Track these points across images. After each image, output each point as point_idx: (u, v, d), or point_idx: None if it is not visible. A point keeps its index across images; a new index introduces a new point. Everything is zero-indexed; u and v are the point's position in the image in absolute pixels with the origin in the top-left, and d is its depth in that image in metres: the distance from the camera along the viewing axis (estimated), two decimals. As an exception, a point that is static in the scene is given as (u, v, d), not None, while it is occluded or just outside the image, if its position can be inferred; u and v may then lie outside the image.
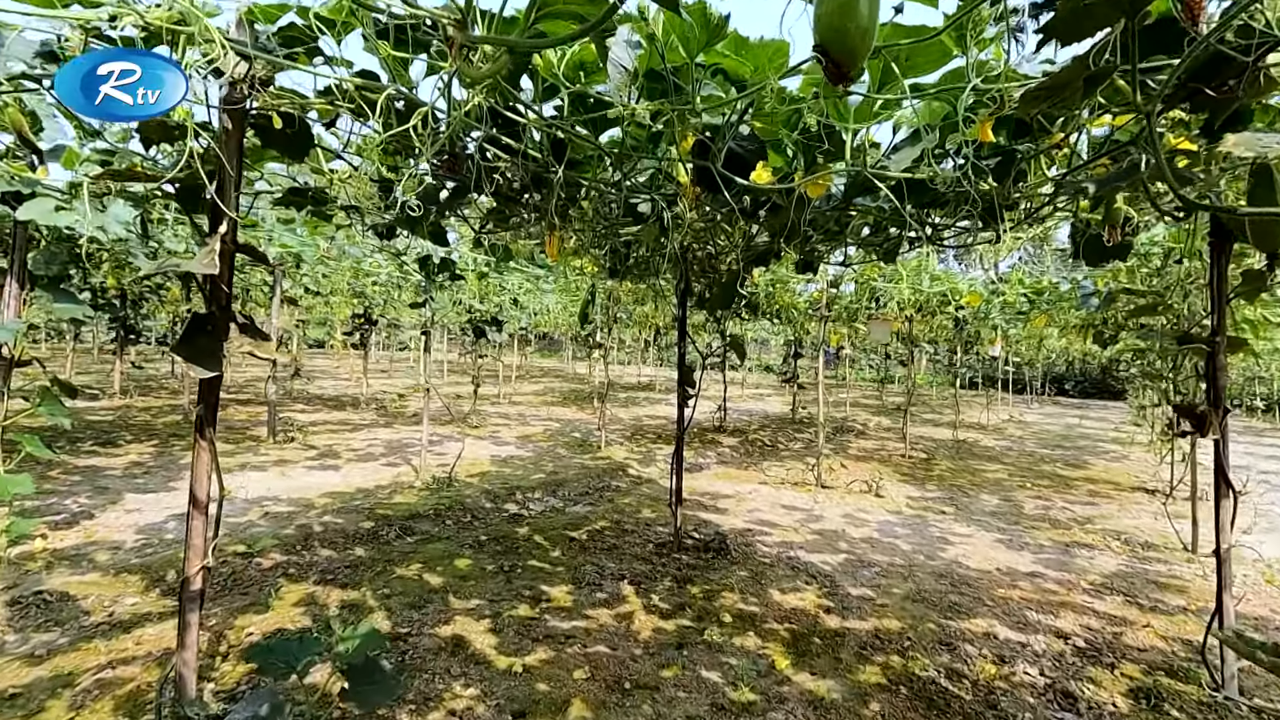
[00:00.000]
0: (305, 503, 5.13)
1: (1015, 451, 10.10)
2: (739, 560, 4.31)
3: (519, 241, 4.11)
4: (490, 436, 8.93)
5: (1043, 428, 13.85)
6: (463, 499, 5.49)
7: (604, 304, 8.42)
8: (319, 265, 7.23)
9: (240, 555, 3.92)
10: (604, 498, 5.91)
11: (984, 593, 3.95)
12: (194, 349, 2.06)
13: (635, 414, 12.68)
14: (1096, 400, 25.10)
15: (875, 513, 5.85)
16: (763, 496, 6.26)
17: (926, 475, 7.69)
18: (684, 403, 4.52)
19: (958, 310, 7.23)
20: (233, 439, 7.69)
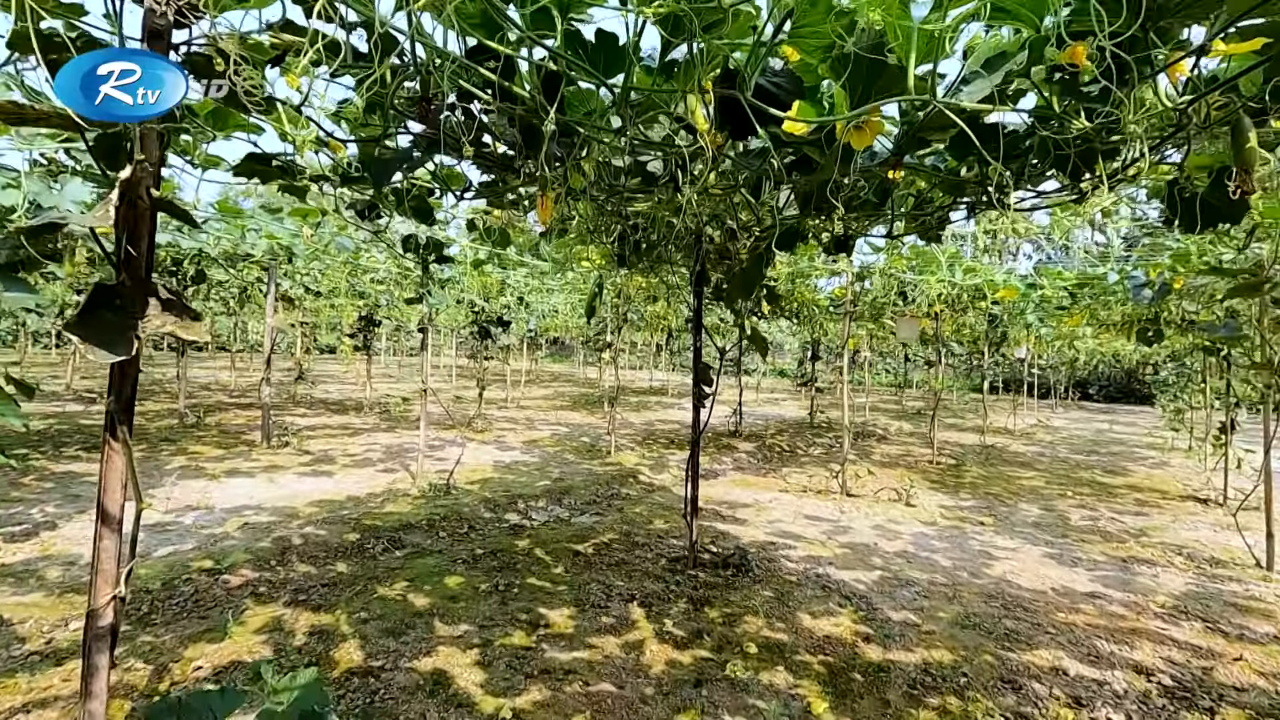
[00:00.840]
0: (289, 512, 4.74)
1: (1048, 457, 9.56)
2: (762, 578, 3.86)
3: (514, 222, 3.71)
4: (495, 441, 8.52)
5: (1072, 432, 13.27)
6: (460, 508, 5.08)
7: (613, 302, 8.01)
8: (313, 261, 6.87)
9: (206, 572, 3.52)
10: (613, 507, 5.48)
11: (1042, 617, 3.48)
12: (96, 326, 1.65)
13: (647, 418, 12.25)
14: (1122, 404, 24.41)
15: (907, 524, 5.37)
16: (784, 506, 5.80)
17: (958, 483, 7.20)
18: (700, 405, 4.09)
19: (992, 306, 6.75)
20: (225, 443, 7.34)
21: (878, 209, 2.97)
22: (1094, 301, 6.26)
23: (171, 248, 5.72)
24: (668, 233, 4.04)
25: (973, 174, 2.39)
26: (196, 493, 5.12)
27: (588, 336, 19.35)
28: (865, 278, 6.19)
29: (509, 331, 11.34)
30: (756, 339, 4.13)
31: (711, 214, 3.17)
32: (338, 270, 7.47)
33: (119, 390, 1.81)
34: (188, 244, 5.68)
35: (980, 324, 7.73)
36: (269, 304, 7.15)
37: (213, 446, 7.13)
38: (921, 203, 3.04)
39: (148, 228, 1.80)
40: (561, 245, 5.39)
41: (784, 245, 3.47)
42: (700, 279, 4.13)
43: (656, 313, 10.72)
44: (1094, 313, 6.84)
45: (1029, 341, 8.94)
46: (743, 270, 3.68)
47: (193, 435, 7.79)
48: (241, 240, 5.69)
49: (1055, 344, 12.23)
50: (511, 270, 7.15)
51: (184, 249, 5.69)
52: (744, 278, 3.67)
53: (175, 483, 5.28)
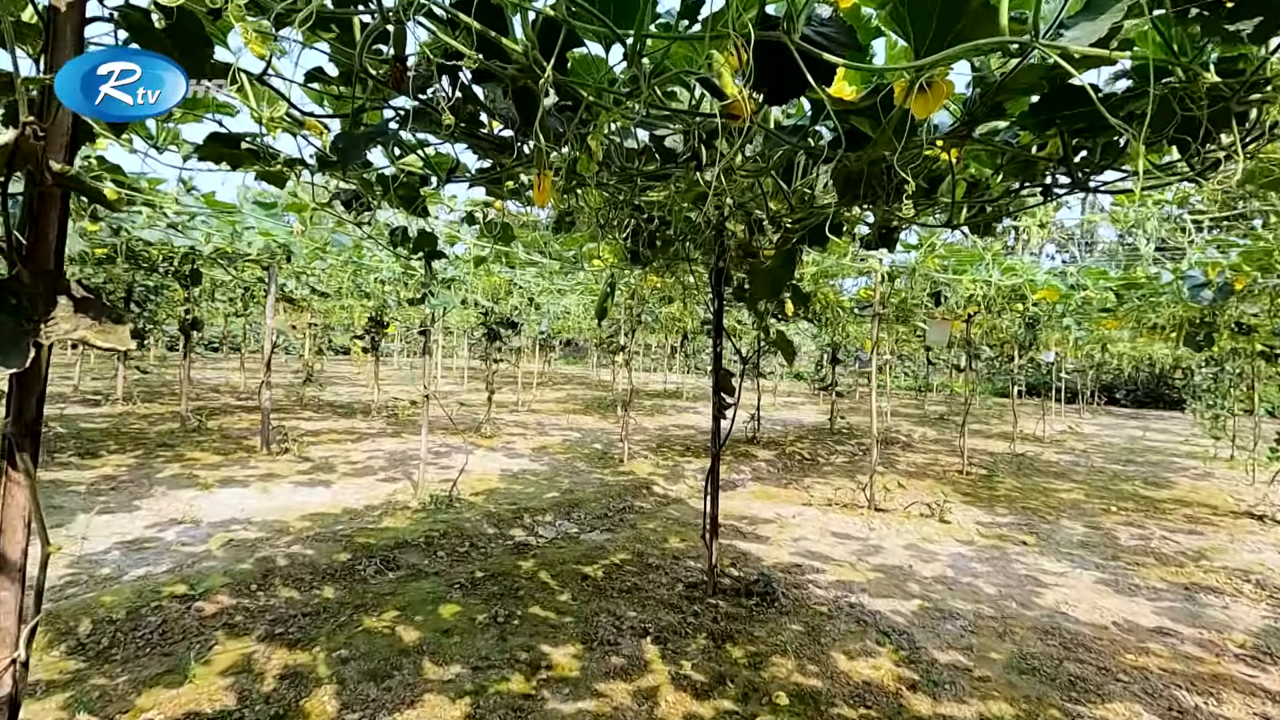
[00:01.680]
0: (279, 527, 4.43)
1: (1084, 467, 9.09)
2: (789, 609, 3.48)
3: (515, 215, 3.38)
4: (503, 448, 8.20)
5: (1104, 440, 12.74)
6: (462, 523, 4.75)
7: (627, 304, 7.66)
8: (314, 260, 6.59)
9: (179, 598, 3.21)
10: (625, 522, 5.13)
11: (1108, 659, 3.08)
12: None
13: (661, 423, 11.89)
14: (1151, 410, 23.72)
15: (943, 543, 4.97)
16: (809, 521, 5.42)
17: (992, 496, 6.77)
18: (720, 415, 3.73)
19: (1031, 307, 6.32)
20: (224, 449, 7.07)
21: (926, 197, 2.61)
22: (1142, 303, 5.82)
23: (164, 245, 5.45)
24: (686, 228, 3.70)
25: (1048, 150, 2.02)
26: (184, 504, 4.83)
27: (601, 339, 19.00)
28: (896, 277, 5.79)
29: (520, 334, 11.03)
30: (782, 343, 3.77)
31: (737, 203, 2.81)
32: (341, 270, 7.18)
33: (18, 409, 1.46)
34: (181, 241, 5.40)
35: (1015, 327, 7.30)
36: (269, 304, 6.87)
37: (211, 452, 6.87)
38: (973, 190, 2.67)
39: (57, 211, 1.47)
40: (571, 242, 5.05)
41: (817, 240, 3.11)
42: (721, 278, 3.77)
43: (672, 314, 10.36)
44: (1140, 315, 6.39)
45: (1062, 345, 8.48)
46: (769, 268, 3.32)
47: (192, 440, 7.54)
48: (236, 238, 5.40)
49: (1087, 348, 11.71)
50: (520, 270, 6.83)
51: (176, 247, 5.42)
52: (771, 276, 3.31)
53: (91, 512, 5.00)
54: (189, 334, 8.58)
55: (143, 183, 4.27)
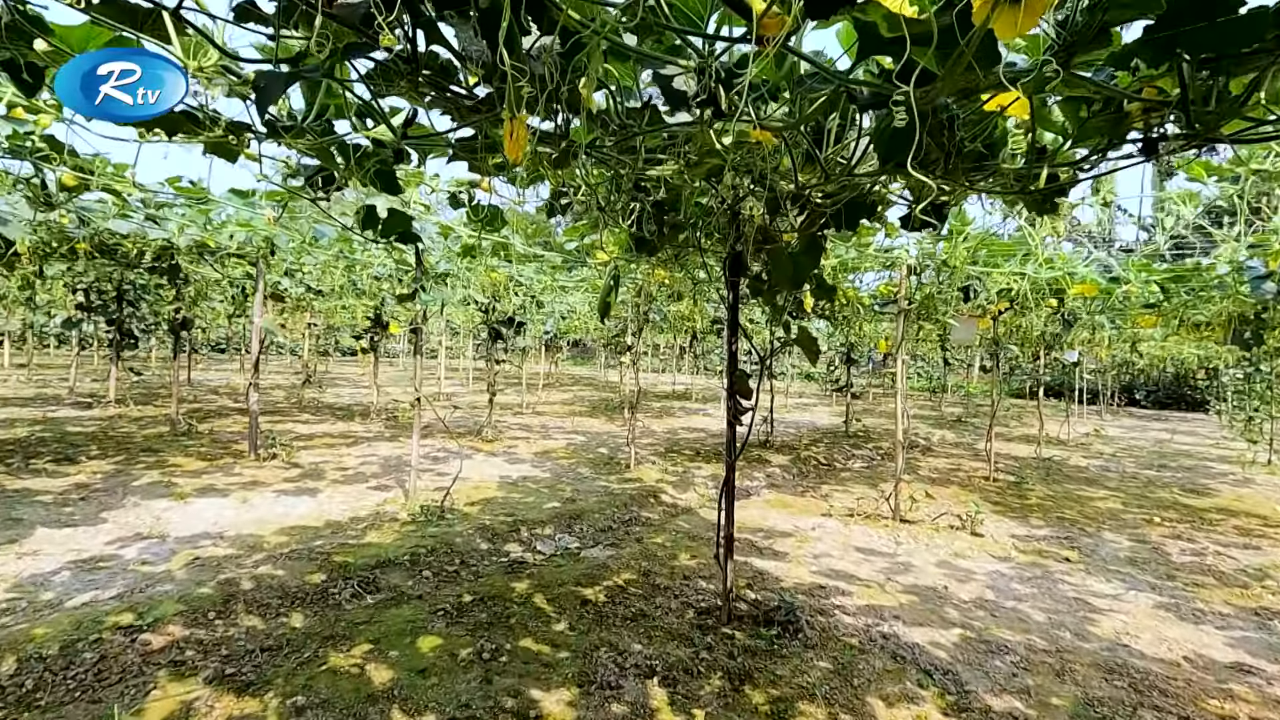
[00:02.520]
0: (252, 543, 4.06)
1: (1115, 473, 8.61)
2: (815, 641, 3.08)
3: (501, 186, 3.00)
4: (505, 453, 7.82)
5: (1131, 443, 12.23)
6: (453, 538, 4.37)
7: (634, 301, 7.27)
8: (303, 254, 6.23)
9: (123, 630, 2.84)
10: (631, 535, 4.73)
11: (1189, 705, 2.66)
12: None
13: (669, 426, 11.48)
14: (1172, 411, 23.10)
15: (978, 559, 4.55)
16: (829, 535, 5.00)
17: (1024, 505, 6.33)
18: (736, 419, 3.33)
19: (1067, 302, 5.87)
20: (211, 454, 6.73)
21: (979, 165, 2.21)
22: (1192, 297, 5.37)
23: (137, 238, 5.10)
24: (697, 212, 3.30)
25: (1156, 92, 1.60)
26: (154, 516, 4.47)
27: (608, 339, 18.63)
28: (923, 271, 5.36)
29: (524, 333, 10.65)
30: (805, 340, 3.36)
31: (759, 174, 2.41)
32: (334, 266, 6.83)
33: None
34: (157, 234, 5.06)
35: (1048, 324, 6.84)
36: (257, 302, 6.52)
37: (196, 458, 6.52)
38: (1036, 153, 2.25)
39: None
40: (572, 233, 4.66)
41: (850, 221, 2.71)
42: (737, 267, 3.37)
43: (680, 312, 9.96)
44: (1184, 311, 5.93)
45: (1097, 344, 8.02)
46: (792, 255, 2.92)
47: (179, 445, 7.20)
48: (213, 229, 5.05)
49: (1115, 347, 11.21)
50: (520, 265, 6.45)
51: (150, 239, 5.07)
52: (793, 264, 2.91)
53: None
54: (179, 334, 8.25)
55: (109, 168, 3.91)
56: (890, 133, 1.92)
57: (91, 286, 9.47)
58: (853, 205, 2.70)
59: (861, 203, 2.71)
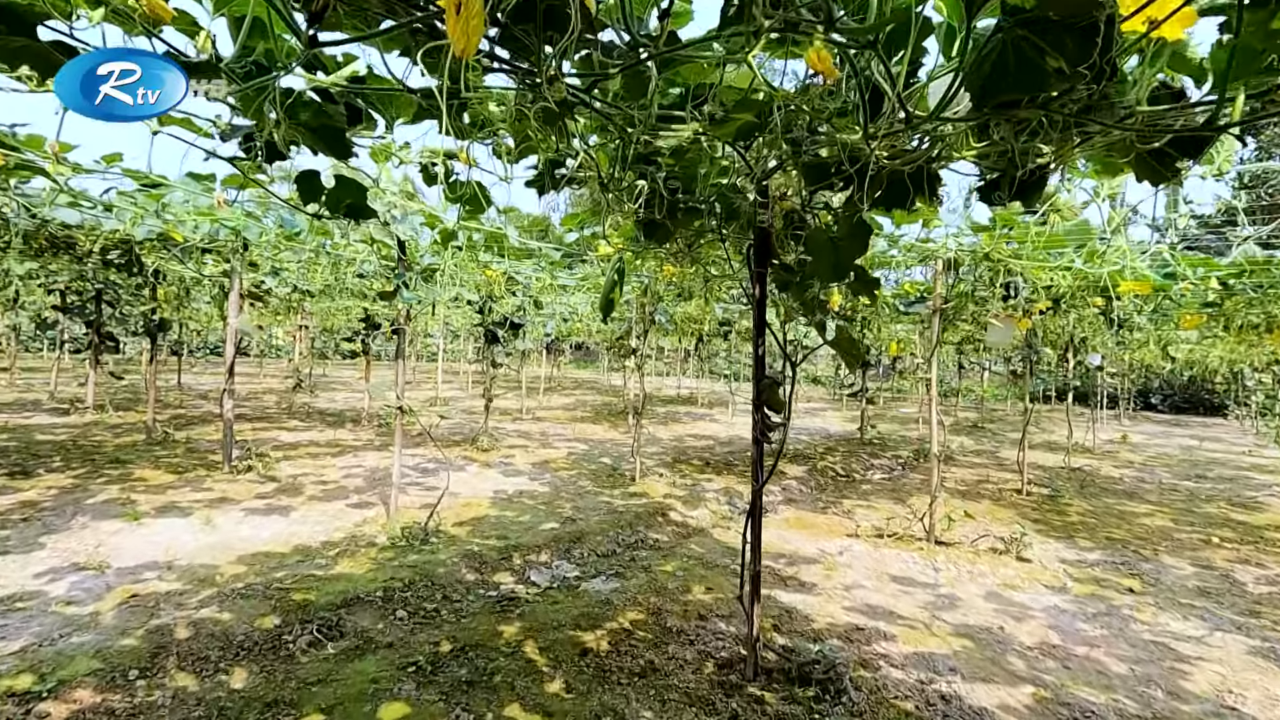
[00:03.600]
0: (204, 575, 3.54)
1: (1152, 484, 8.06)
2: (863, 708, 2.54)
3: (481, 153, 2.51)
4: (501, 463, 7.30)
5: (1159, 451, 11.67)
6: (435, 567, 3.84)
7: (639, 301, 6.76)
8: (279, 250, 5.72)
9: (15, 698, 2.32)
10: (637, 562, 4.20)
11: (1339, 799, 2.13)
12: None
13: (675, 433, 10.95)
14: (1189, 416, 22.53)
15: (1030, 590, 4.02)
16: (859, 560, 4.47)
17: (1066, 523, 5.79)
18: (764, 436, 2.80)
19: (1120, 300, 5.33)
20: (184, 465, 6.22)
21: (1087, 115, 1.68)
22: (1260, 294, 4.83)
23: (90, 230, 4.60)
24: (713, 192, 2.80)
25: None
26: (99, 542, 3.96)
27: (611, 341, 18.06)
28: (961, 265, 4.83)
29: (523, 336, 10.13)
30: (845, 343, 2.83)
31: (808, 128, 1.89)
32: (316, 262, 6.32)
33: None
34: (113, 224, 4.56)
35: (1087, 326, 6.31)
36: (231, 301, 6.02)
37: (165, 470, 6.01)
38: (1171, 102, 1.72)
39: None
40: (570, 221, 4.15)
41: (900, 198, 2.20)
42: (764, 254, 2.85)
43: (688, 314, 9.44)
44: (1245, 311, 5.39)
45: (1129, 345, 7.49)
46: (833, 239, 2.39)
47: (151, 455, 6.70)
48: (174, 220, 4.55)
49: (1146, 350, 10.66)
50: (516, 262, 5.93)
51: (105, 231, 4.57)
52: (835, 251, 2.39)
53: None
54: (155, 336, 7.76)
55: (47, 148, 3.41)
56: (987, 67, 1.40)
57: (69, 287, 9.00)
58: (909, 178, 2.18)
59: (918, 174, 2.19)
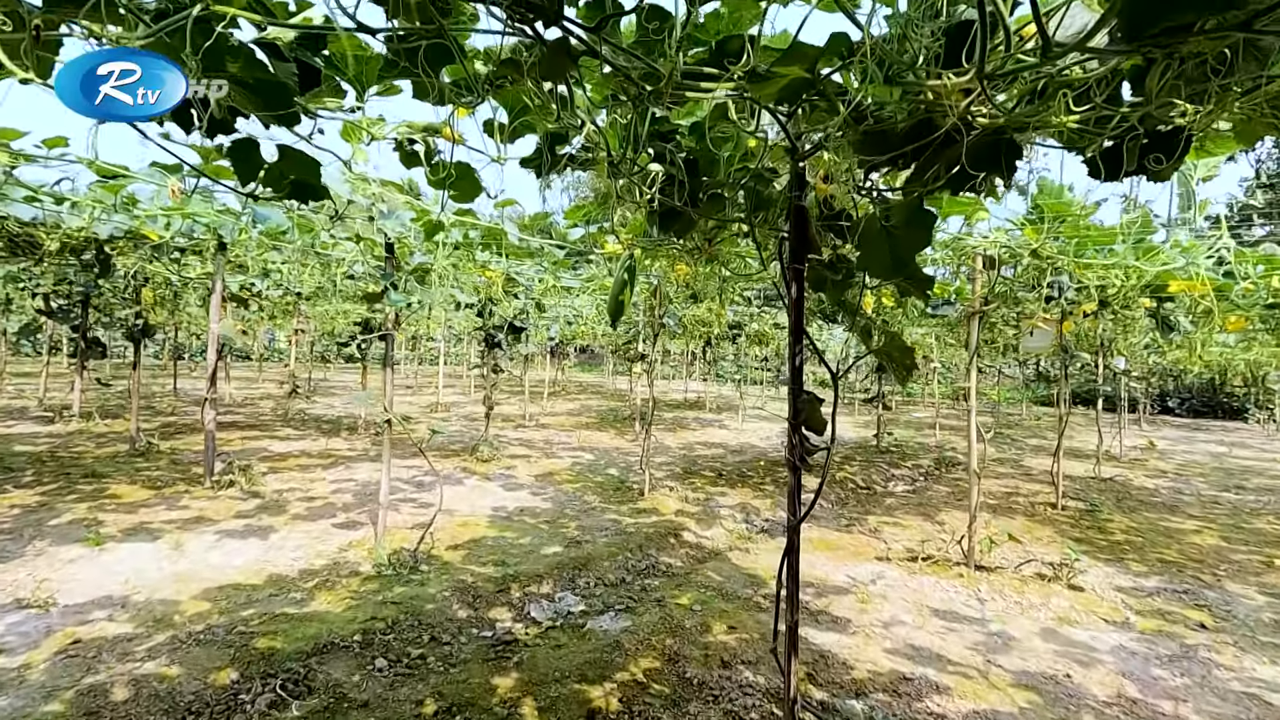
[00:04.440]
0: (161, 614, 3.14)
1: (1190, 496, 7.60)
2: (927, 791, 2.12)
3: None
4: (501, 475, 6.89)
5: (1188, 459, 11.20)
6: (423, 603, 3.43)
7: (648, 303, 6.35)
8: (264, 250, 5.33)
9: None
10: (649, 594, 3.78)
11: None
12: None
13: (684, 440, 10.52)
14: (1208, 420, 22.01)
15: (1089, 626, 3.58)
16: (895, 589, 4.04)
17: (1112, 543, 5.34)
18: (802, 463, 2.38)
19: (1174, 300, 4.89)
20: (163, 480, 5.83)
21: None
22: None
23: (53, 227, 4.21)
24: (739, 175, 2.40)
25: None
26: (51, 572, 3.56)
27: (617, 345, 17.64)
28: (1003, 264, 4.40)
29: (526, 340, 9.73)
30: (896, 350, 2.41)
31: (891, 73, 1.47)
32: (303, 262, 5.93)
33: None
34: (77, 222, 4.18)
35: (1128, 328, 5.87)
36: (213, 305, 5.63)
37: (142, 485, 5.62)
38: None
39: None
40: (574, 214, 3.74)
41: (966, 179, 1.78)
42: (802, 248, 2.43)
43: (698, 317, 9.03)
44: None
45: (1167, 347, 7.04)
46: (888, 229, 1.98)
47: (131, 468, 6.31)
48: (143, 217, 4.16)
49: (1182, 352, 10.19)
50: (518, 262, 5.54)
51: (66, 229, 4.18)
52: (890, 243, 1.98)
53: None
54: (139, 341, 7.38)
55: None
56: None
57: (55, 290, 8.63)
58: (989, 149, 1.76)
59: (995, 148, 1.77)
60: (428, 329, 16.97)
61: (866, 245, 2.00)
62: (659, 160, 2.22)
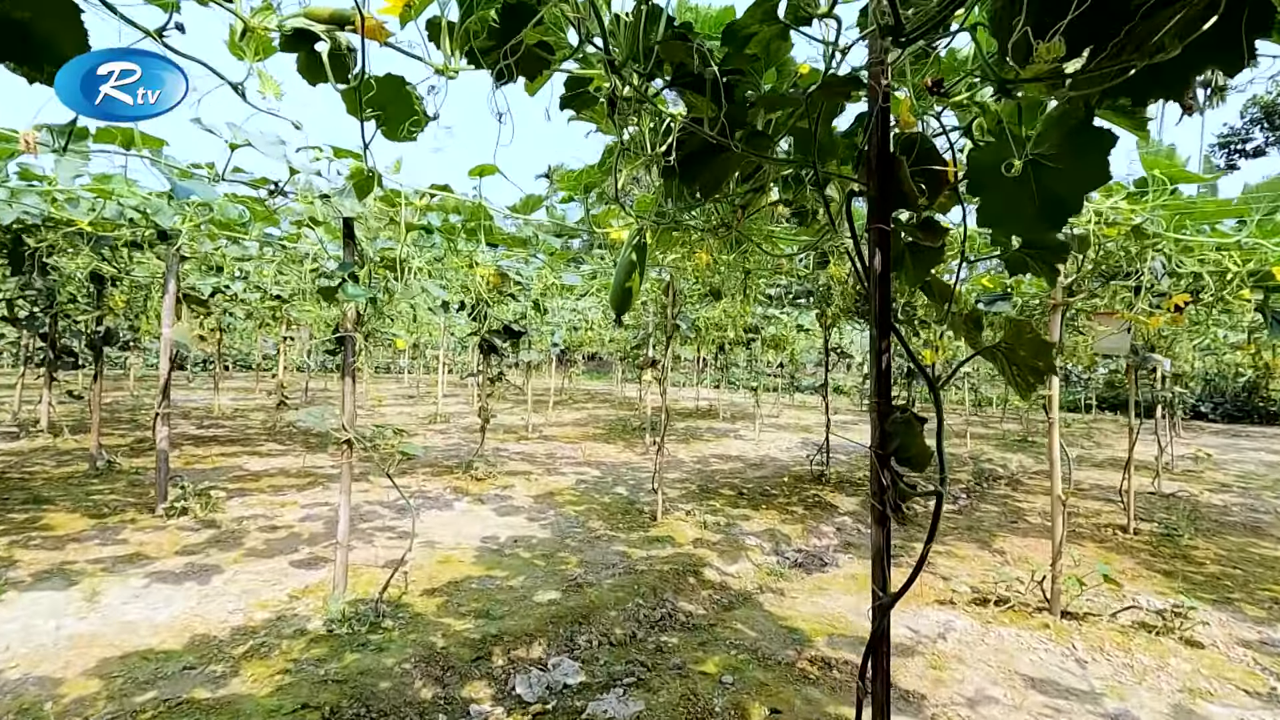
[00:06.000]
0: (32, 700, 2.41)
1: (1268, 514, 6.76)
2: None
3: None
4: (496, 497, 6.15)
5: (1243, 468, 10.31)
6: (379, 675, 2.69)
7: (659, 300, 5.61)
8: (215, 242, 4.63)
9: None
10: (666, 659, 3.02)
11: None
12: None
13: (698, 452, 9.74)
14: (1245, 425, 21.03)
15: (1228, 699, 2.79)
16: (971, 648, 3.26)
17: (1208, 577, 4.54)
18: (895, 513, 1.62)
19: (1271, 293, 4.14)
20: (111, 506, 5.12)
21: None
22: None
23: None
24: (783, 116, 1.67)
25: None
26: (-81, 636, 2.85)
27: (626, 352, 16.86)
28: (1094, 245, 3.63)
29: (528, 346, 9.01)
30: (1029, 351, 1.64)
31: None
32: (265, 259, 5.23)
33: None
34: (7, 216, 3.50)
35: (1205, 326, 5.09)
36: (165, 307, 4.94)
37: (84, 513, 4.92)
38: None
39: None
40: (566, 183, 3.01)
41: (1144, 87, 1.01)
42: (889, 198, 1.68)
43: (713, 319, 8.27)
44: None
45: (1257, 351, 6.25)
46: (1036, 162, 1.20)
47: (82, 491, 5.61)
48: (63, 199, 3.47)
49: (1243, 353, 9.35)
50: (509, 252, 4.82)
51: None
52: (1039, 181, 1.20)
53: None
54: (100, 349, 6.70)
55: None
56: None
57: (22, 295, 7.99)
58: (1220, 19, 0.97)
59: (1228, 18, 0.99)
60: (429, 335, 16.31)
61: (995, 188, 1.24)
62: (679, 78, 1.47)
